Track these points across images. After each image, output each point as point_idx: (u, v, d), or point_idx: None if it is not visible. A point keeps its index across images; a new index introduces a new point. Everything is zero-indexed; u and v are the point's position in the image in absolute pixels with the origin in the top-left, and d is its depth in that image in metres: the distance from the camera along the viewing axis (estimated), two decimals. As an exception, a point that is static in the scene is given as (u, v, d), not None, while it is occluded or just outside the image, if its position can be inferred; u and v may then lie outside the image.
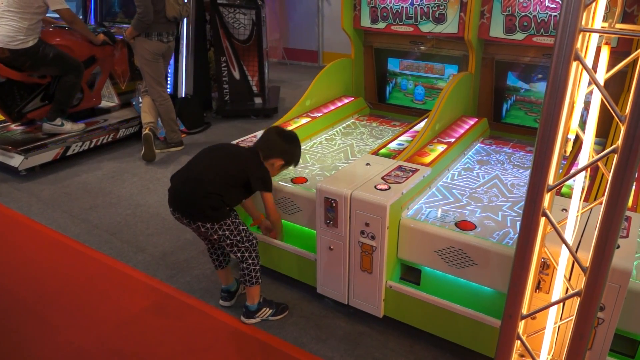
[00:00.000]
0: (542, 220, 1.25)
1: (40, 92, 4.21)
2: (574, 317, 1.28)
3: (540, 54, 2.86)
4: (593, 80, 1.11)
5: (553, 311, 1.48)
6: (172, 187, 2.18)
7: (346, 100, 3.43)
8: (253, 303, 2.28)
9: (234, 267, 2.44)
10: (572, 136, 1.30)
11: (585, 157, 1.32)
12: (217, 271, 2.40)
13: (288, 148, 2.24)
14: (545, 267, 1.69)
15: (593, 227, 1.22)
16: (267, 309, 2.31)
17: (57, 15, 3.96)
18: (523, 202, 1.27)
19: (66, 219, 3.28)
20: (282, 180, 2.43)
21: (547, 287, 1.71)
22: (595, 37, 1.28)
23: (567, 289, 1.45)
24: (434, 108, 2.71)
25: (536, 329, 1.58)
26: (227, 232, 2.10)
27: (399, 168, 2.30)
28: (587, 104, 1.32)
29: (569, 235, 1.39)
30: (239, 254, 2.18)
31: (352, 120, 3.35)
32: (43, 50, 3.83)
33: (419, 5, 3.10)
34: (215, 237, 2.12)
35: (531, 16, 2.73)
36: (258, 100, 5.46)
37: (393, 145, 2.66)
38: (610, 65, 1.30)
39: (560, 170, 1.77)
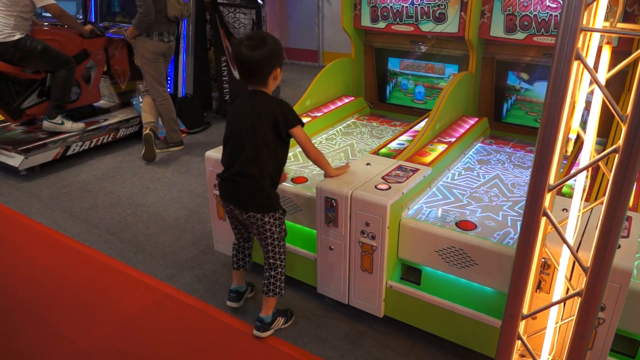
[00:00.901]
0: (543, 220, 1.25)
1: (36, 88, 4.21)
2: (574, 317, 1.28)
3: (541, 53, 2.86)
4: (594, 80, 1.11)
5: (554, 311, 1.47)
6: (225, 183, 2.08)
7: (346, 100, 3.43)
8: (268, 314, 2.20)
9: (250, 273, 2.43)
10: (573, 136, 1.30)
11: (586, 156, 1.31)
12: (233, 270, 2.35)
13: (267, 54, 1.92)
14: (546, 267, 1.69)
15: (594, 227, 1.22)
16: (281, 318, 2.25)
17: (49, 15, 3.99)
18: (524, 202, 1.26)
19: (66, 219, 3.28)
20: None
21: (547, 287, 1.71)
22: (596, 37, 1.28)
23: (568, 289, 1.45)
24: (435, 108, 2.70)
25: (537, 329, 1.58)
26: (273, 227, 2.06)
27: (400, 168, 2.30)
28: (588, 104, 1.32)
29: (570, 235, 1.39)
30: (271, 260, 2.13)
31: (352, 120, 3.34)
32: (31, 43, 3.86)
33: (419, 4, 3.10)
34: (262, 230, 2.05)
35: (532, 16, 2.73)
36: (258, 100, 5.45)
37: (393, 144, 2.66)
38: (611, 64, 1.29)
39: (561, 170, 1.77)
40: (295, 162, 2.64)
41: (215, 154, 2.47)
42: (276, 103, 2.01)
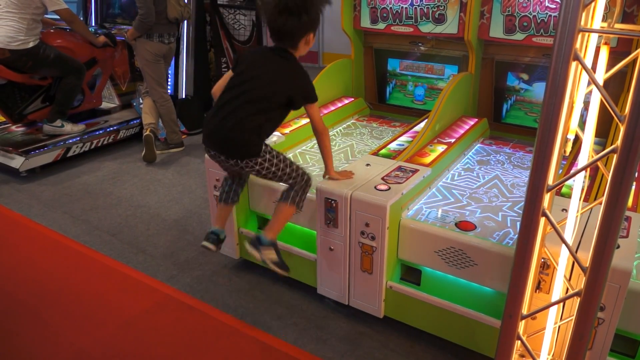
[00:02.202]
0: (542, 220, 1.25)
1: (41, 94, 4.21)
2: (574, 317, 1.28)
3: (540, 54, 2.86)
4: (592, 81, 1.11)
5: (553, 311, 1.48)
6: (209, 125, 2.00)
7: (346, 101, 3.43)
8: (266, 237, 2.09)
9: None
10: (571, 136, 1.31)
11: (584, 157, 1.32)
12: (219, 205, 2.24)
13: (302, 22, 1.83)
14: (545, 267, 1.69)
15: (593, 227, 1.22)
16: (274, 253, 2.12)
17: (58, 17, 3.97)
18: (523, 203, 1.27)
19: (67, 220, 3.29)
20: (282, 180, 2.43)
21: (547, 287, 1.71)
22: (594, 37, 1.28)
23: (567, 289, 1.45)
24: (434, 108, 2.71)
25: (536, 329, 1.58)
26: (266, 164, 1.98)
27: (399, 168, 2.30)
28: (586, 104, 1.33)
29: (569, 235, 1.39)
30: (289, 181, 2.08)
31: (352, 121, 3.35)
32: (44, 52, 3.83)
33: (418, 5, 3.10)
34: (262, 173, 2.00)
35: (531, 16, 2.74)
36: (258, 101, 5.45)
37: (393, 145, 2.66)
38: (610, 65, 1.30)
39: (560, 171, 1.77)
40: (296, 162, 2.64)
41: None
42: (300, 75, 1.97)
